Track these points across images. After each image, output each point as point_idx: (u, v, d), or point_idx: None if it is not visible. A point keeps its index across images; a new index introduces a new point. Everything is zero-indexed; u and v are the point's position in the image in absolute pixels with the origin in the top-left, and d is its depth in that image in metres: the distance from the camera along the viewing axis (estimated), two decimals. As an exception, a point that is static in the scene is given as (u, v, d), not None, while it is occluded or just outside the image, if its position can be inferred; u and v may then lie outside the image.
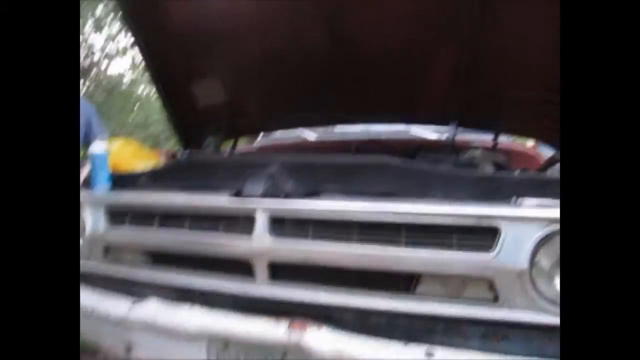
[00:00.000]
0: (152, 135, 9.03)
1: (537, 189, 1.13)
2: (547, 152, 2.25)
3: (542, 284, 1.06)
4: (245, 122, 2.47)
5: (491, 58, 1.83)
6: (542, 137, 2.03)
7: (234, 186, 1.36)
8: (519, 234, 1.07)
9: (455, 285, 1.13)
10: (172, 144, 4.41)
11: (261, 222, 1.27)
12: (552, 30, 1.58)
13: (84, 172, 1.58)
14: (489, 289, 1.10)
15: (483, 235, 1.09)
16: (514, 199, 1.12)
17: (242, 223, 1.31)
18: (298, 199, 1.25)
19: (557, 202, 1.06)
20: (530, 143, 2.27)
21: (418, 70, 2.02)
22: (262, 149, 2.61)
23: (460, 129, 2.14)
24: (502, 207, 1.10)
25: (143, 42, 2.14)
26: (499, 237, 1.08)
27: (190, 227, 1.38)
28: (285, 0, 1.89)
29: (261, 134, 2.80)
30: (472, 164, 1.32)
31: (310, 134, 2.61)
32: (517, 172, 1.33)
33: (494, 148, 2.08)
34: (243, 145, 2.71)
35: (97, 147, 1.58)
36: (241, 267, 1.30)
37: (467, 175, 1.22)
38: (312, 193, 1.29)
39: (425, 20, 1.79)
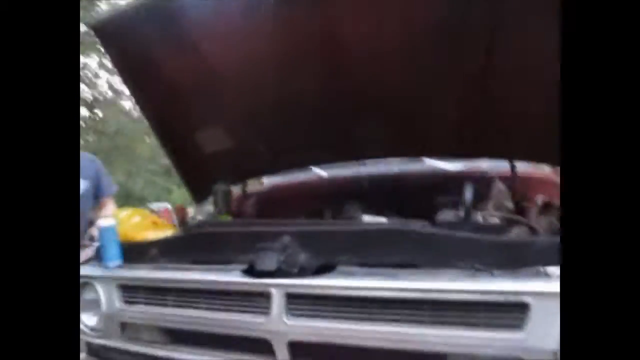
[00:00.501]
0: (165, 167, 9.03)
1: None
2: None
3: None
4: (252, 165, 2.43)
5: (494, 105, 1.78)
6: (556, 162, 1.96)
7: (245, 260, 1.32)
8: (551, 310, 1.00)
9: (485, 363, 1.07)
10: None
11: (277, 300, 1.22)
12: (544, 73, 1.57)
13: (88, 252, 1.56)
14: (521, 368, 1.04)
15: (512, 312, 1.03)
16: (542, 270, 1.05)
17: (258, 300, 1.27)
18: (313, 277, 1.21)
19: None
20: (548, 168, 2.19)
21: (423, 106, 1.96)
22: (274, 190, 2.56)
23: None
24: (531, 281, 1.03)
25: (139, 95, 2.12)
26: (529, 313, 1.01)
27: (205, 305, 1.34)
28: (281, 42, 1.84)
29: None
30: (496, 227, 1.25)
31: (321, 171, 2.57)
32: (544, 235, 1.25)
33: (513, 177, 2.01)
34: (253, 186, 2.67)
35: (105, 221, 1.55)
36: (261, 345, 1.25)
37: (492, 241, 1.16)
38: (328, 266, 1.24)
39: (427, 62, 1.75)
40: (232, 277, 1.31)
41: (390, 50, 1.77)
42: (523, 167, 2.13)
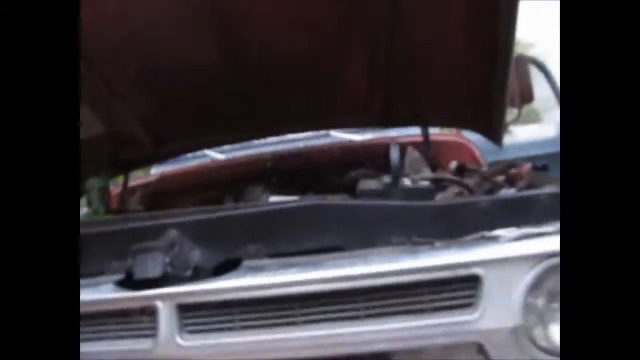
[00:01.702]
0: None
1: (513, 213, 0.90)
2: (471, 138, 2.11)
3: (540, 337, 0.84)
4: (134, 153, 2.04)
5: (407, 58, 1.63)
6: (475, 127, 1.87)
7: (120, 267, 1.00)
8: (505, 279, 0.83)
9: (436, 354, 0.88)
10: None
11: (166, 316, 0.92)
12: (463, 29, 1.45)
13: None
14: (478, 351, 0.86)
15: (462, 290, 0.84)
16: (488, 235, 0.88)
17: (140, 320, 0.95)
18: (212, 279, 0.92)
19: (546, 229, 0.84)
20: (453, 131, 2.11)
21: (328, 73, 1.76)
22: (162, 181, 2.18)
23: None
24: (480, 249, 0.85)
25: None
26: (482, 288, 0.83)
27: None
28: (165, 10, 1.50)
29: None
30: (428, 190, 1.07)
31: (217, 154, 2.24)
32: (484, 196, 1.10)
33: (426, 143, 1.88)
34: (138, 178, 2.26)
35: None
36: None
37: (428, 207, 0.96)
38: (230, 262, 0.96)
39: (328, 27, 1.54)
40: (102, 293, 0.97)
41: (288, 9, 1.52)
42: (431, 132, 2.02)
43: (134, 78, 1.80)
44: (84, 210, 2.01)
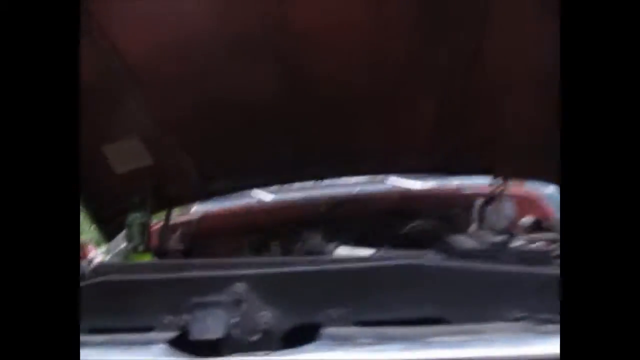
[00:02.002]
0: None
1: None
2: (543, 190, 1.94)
3: None
4: (178, 188, 1.93)
5: (478, 106, 1.53)
6: (547, 178, 1.71)
7: (174, 324, 0.84)
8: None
9: None
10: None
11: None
12: (538, 76, 1.34)
13: None
14: None
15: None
16: None
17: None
18: (287, 349, 0.75)
19: None
20: (522, 184, 1.95)
21: (392, 115, 1.65)
22: (205, 219, 2.06)
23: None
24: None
25: None
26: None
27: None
28: (224, 42, 1.43)
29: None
30: (544, 252, 0.90)
31: (265, 195, 2.12)
32: None
33: (498, 194, 1.71)
34: (178, 215, 2.14)
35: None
36: None
37: (548, 277, 0.79)
38: (308, 328, 0.79)
39: (399, 67, 1.46)
40: (152, 355, 0.81)
41: (356, 39, 1.43)
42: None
43: (187, 111, 1.72)
44: (123, 245, 1.90)
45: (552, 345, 0.68)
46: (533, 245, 0.95)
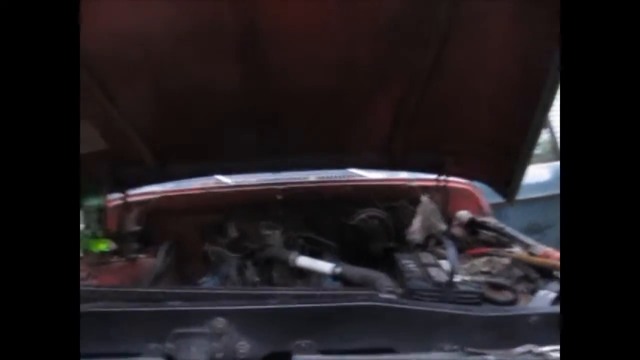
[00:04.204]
0: None
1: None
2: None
3: None
4: (135, 172, 1.93)
5: (436, 107, 1.62)
6: (490, 183, 1.88)
7: (158, 351, 0.95)
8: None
9: None
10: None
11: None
12: (501, 87, 1.44)
13: None
14: None
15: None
16: (536, 351, 0.90)
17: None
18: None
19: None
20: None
21: (351, 112, 1.72)
22: (164, 200, 2.07)
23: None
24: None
25: None
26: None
27: None
28: (187, 33, 1.41)
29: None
30: (477, 294, 1.07)
31: (224, 177, 2.16)
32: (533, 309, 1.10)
33: (444, 194, 1.88)
34: (137, 194, 2.12)
35: None
36: None
37: (476, 318, 0.97)
38: (279, 356, 0.94)
39: (361, 67, 1.51)
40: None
41: (325, 45, 1.46)
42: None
43: (144, 96, 1.70)
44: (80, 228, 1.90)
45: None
46: (470, 287, 1.13)
